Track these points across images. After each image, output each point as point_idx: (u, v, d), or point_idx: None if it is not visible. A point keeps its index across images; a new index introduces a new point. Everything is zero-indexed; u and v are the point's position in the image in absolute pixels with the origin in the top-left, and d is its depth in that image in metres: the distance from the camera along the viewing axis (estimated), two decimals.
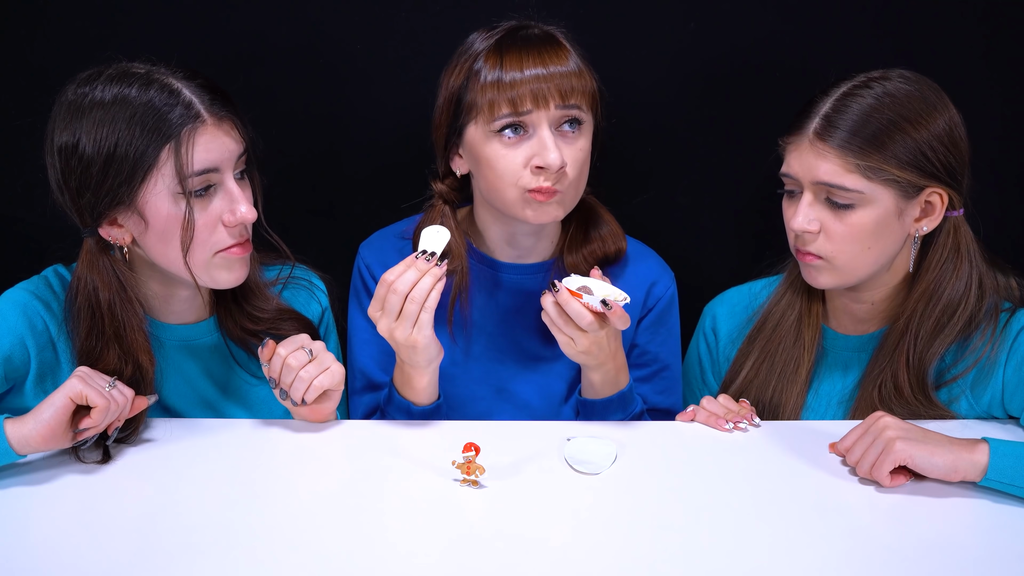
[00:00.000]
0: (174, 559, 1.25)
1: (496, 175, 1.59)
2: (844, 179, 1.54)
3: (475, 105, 1.57)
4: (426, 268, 1.49)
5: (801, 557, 1.28)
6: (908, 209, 1.58)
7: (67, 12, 1.93)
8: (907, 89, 1.56)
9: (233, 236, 1.51)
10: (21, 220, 1.99)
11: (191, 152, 1.45)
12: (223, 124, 1.49)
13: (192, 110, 1.46)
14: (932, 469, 1.40)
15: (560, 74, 1.56)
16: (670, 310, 1.77)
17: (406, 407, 1.60)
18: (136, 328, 1.52)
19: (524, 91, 1.54)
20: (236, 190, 1.50)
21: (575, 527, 1.35)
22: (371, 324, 1.54)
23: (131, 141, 1.44)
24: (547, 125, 1.56)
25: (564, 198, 1.61)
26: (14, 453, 1.39)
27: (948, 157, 1.56)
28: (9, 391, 1.55)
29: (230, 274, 1.53)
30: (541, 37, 1.59)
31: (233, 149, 1.50)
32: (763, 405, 1.69)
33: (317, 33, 1.97)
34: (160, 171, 1.45)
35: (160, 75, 1.48)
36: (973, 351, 1.60)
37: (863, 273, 1.60)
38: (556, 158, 1.55)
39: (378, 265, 1.72)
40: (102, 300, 1.51)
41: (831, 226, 1.57)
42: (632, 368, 1.73)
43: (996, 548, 1.31)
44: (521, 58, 1.56)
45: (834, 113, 1.55)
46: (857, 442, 1.45)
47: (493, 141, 1.58)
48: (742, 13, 1.97)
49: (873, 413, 1.47)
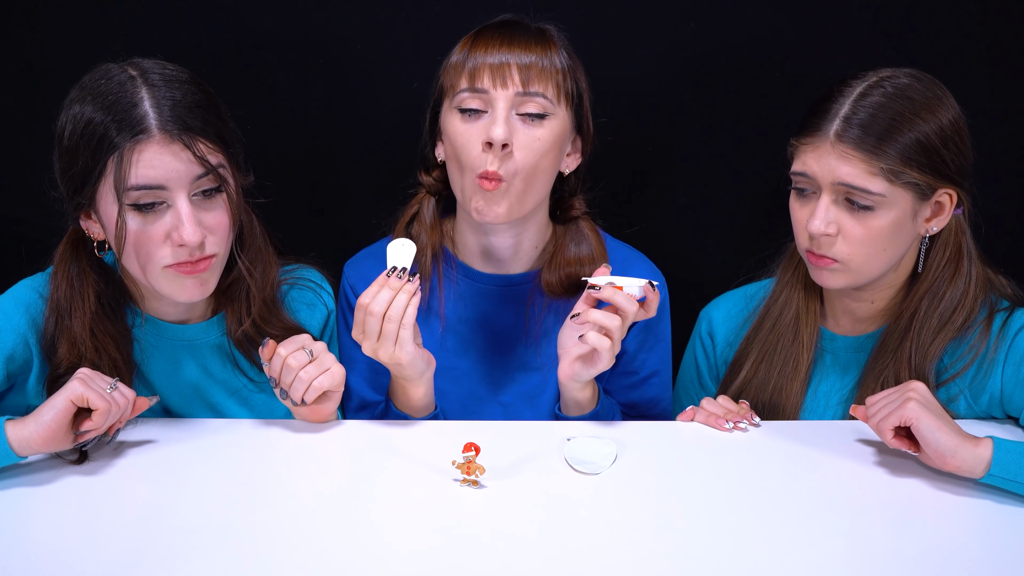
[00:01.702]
0: (174, 559, 1.25)
1: (455, 153, 1.59)
2: (868, 182, 1.52)
3: (447, 77, 1.60)
4: (399, 285, 1.48)
5: (801, 557, 1.28)
6: (921, 210, 1.57)
7: (67, 12, 1.93)
8: (920, 89, 1.56)
9: (176, 256, 1.47)
10: (21, 220, 1.99)
11: (129, 167, 1.43)
12: (174, 144, 1.44)
13: (143, 123, 1.43)
14: (934, 443, 1.40)
15: (527, 62, 1.56)
16: (660, 316, 1.75)
17: (404, 420, 1.60)
18: (79, 321, 1.52)
19: (483, 69, 1.56)
20: (185, 211, 1.45)
21: (575, 527, 1.35)
22: (357, 344, 1.54)
23: (88, 140, 1.44)
24: (504, 105, 1.55)
25: (510, 190, 1.57)
26: (15, 455, 1.39)
27: (959, 157, 1.56)
28: (11, 389, 1.56)
29: (180, 290, 1.50)
30: (523, 28, 1.59)
31: (181, 170, 1.44)
32: (762, 404, 1.69)
33: (317, 32, 1.97)
34: (107, 179, 1.45)
35: (142, 80, 1.46)
36: (970, 350, 1.60)
37: (875, 274, 1.60)
38: (500, 133, 1.54)
39: (361, 284, 1.68)
40: (60, 291, 1.53)
41: (849, 229, 1.55)
42: (620, 376, 1.73)
43: (997, 548, 1.31)
44: (490, 42, 1.57)
45: (854, 115, 1.53)
46: (883, 398, 1.47)
47: (455, 117, 1.59)
48: (743, 13, 1.97)
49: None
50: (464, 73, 1.57)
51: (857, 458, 1.51)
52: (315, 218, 2.05)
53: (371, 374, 1.71)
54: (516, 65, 1.55)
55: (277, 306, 1.64)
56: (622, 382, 1.74)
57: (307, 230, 1.88)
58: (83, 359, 1.52)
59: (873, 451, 1.52)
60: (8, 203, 2.01)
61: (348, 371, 1.70)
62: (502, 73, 1.55)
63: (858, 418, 1.51)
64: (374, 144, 2.03)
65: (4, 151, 2.01)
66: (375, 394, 1.72)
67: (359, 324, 1.50)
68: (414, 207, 1.72)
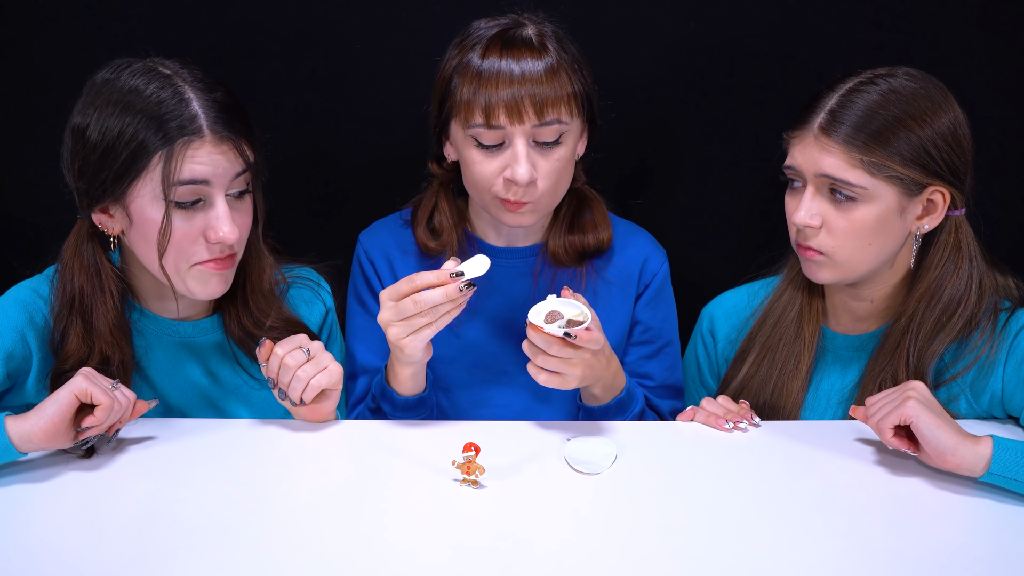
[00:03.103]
0: (174, 558, 1.25)
1: (472, 178, 1.62)
2: (848, 174, 1.54)
3: (456, 102, 1.58)
4: (455, 296, 1.47)
5: (801, 557, 1.28)
6: (910, 207, 1.58)
7: (67, 12, 1.94)
8: (913, 87, 1.56)
9: (211, 252, 1.51)
10: (21, 220, 1.99)
11: (180, 163, 1.45)
12: (223, 144, 1.48)
13: (194, 123, 1.46)
14: (933, 441, 1.40)
15: (540, 95, 1.54)
16: (666, 286, 1.79)
17: (390, 396, 1.61)
18: (103, 318, 1.53)
19: (498, 107, 1.54)
20: (223, 209, 1.49)
21: (575, 527, 1.35)
22: (369, 313, 1.53)
23: (130, 138, 1.45)
24: (522, 138, 1.56)
25: (537, 207, 1.62)
26: (15, 450, 1.39)
27: (951, 156, 1.56)
28: (10, 389, 1.56)
29: (204, 287, 1.53)
30: (526, 45, 1.57)
31: (227, 169, 1.49)
32: (763, 402, 1.69)
33: (317, 31, 1.97)
34: (150, 174, 1.46)
35: (180, 80, 1.48)
36: (972, 350, 1.60)
37: (863, 269, 1.60)
38: (525, 174, 1.56)
39: (378, 253, 1.73)
40: (76, 286, 1.53)
41: (833, 221, 1.57)
42: (637, 346, 1.75)
43: (997, 548, 1.31)
44: (500, 77, 1.54)
45: (839, 108, 1.55)
46: (882, 398, 1.47)
47: (471, 146, 1.59)
48: (743, 12, 1.97)
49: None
50: (477, 109, 1.55)
51: (857, 458, 1.50)
52: (315, 218, 2.05)
53: (379, 342, 1.71)
54: (529, 98, 1.54)
55: (273, 296, 1.65)
56: (640, 352, 1.77)
57: (307, 230, 1.88)
58: (93, 355, 1.52)
59: (873, 451, 1.52)
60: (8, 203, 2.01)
61: (355, 338, 1.74)
62: (517, 109, 1.54)
63: (858, 419, 1.51)
64: (374, 144, 2.03)
65: (4, 151, 2.00)
66: (379, 361, 1.72)
67: (397, 293, 1.48)
68: (432, 200, 1.73)
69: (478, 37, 1.59)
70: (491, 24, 1.61)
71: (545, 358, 1.51)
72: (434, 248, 1.72)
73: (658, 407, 1.77)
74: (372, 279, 1.75)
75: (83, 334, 1.53)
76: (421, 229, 1.72)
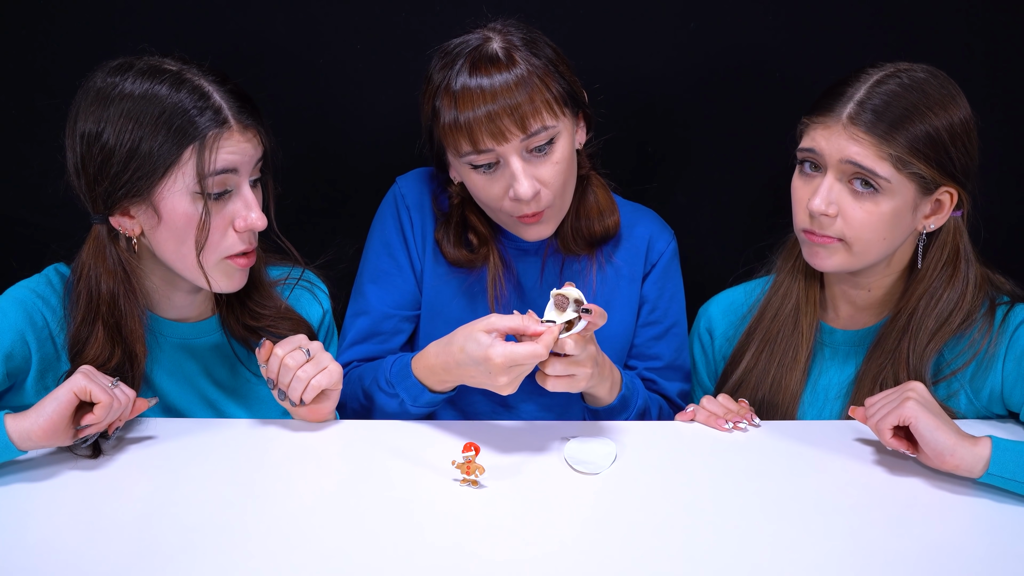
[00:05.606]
0: (173, 558, 1.25)
1: (482, 201, 1.64)
2: (876, 165, 1.53)
3: (442, 131, 1.58)
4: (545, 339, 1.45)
5: (801, 557, 1.28)
6: (921, 205, 1.58)
7: (67, 12, 1.93)
8: (937, 86, 1.57)
9: (243, 242, 1.52)
10: (21, 220, 1.99)
11: (215, 155, 1.47)
12: (248, 131, 1.50)
13: (221, 115, 1.47)
14: (932, 441, 1.40)
15: (514, 105, 1.53)
16: (673, 265, 1.79)
17: (416, 392, 1.58)
18: (136, 318, 1.53)
19: (479, 129, 1.54)
20: (250, 195, 1.51)
21: (575, 527, 1.35)
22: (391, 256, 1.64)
23: (156, 139, 1.45)
24: (515, 155, 1.56)
25: (551, 213, 1.63)
26: (15, 448, 1.40)
27: (965, 157, 1.57)
28: (9, 389, 1.56)
29: (229, 281, 1.55)
30: (493, 60, 1.55)
31: (253, 155, 1.51)
32: (762, 395, 1.70)
33: (317, 33, 1.97)
34: (181, 169, 1.46)
35: (191, 75, 1.49)
36: (971, 345, 1.61)
37: (871, 260, 1.61)
38: (527, 190, 1.56)
39: (414, 200, 1.73)
40: (104, 289, 1.52)
41: (849, 212, 1.56)
42: (645, 327, 1.76)
43: (996, 548, 1.31)
44: (473, 96, 1.53)
45: (868, 100, 1.54)
46: (881, 399, 1.48)
47: (471, 172, 1.60)
48: (744, 12, 1.97)
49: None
50: (462, 135, 1.55)
51: (857, 458, 1.51)
52: (315, 218, 2.05)
53: (394, 288, 1.73)
54: (507, 114, 1.53)
55: (268, 288, 1.65)
56: (648, 333, 1.77)
57: (307, 230, 1.88)
58: (115, 355, 1.52)
59: (873, 451, 1.52)
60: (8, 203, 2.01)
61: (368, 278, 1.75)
62: (497, 127, 1.53)
63: (857, 419, 1.51)
64: (374, 144, 2.03)
65: (4, 151, 2.00)
66: (389, 307, 1.73)
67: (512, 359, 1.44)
68: (455, 218, 1.71)
69: (449, 60, 1.58)
70: (460, 43, 1.59)
71: (554, 364, 1.50)
72: (469, 260, 1.71)
73: (665, 390, 1.77)
74: (405, 224, 1.74)
75: (111, 336, 1.52)
76: (452, 249, 1.71)
